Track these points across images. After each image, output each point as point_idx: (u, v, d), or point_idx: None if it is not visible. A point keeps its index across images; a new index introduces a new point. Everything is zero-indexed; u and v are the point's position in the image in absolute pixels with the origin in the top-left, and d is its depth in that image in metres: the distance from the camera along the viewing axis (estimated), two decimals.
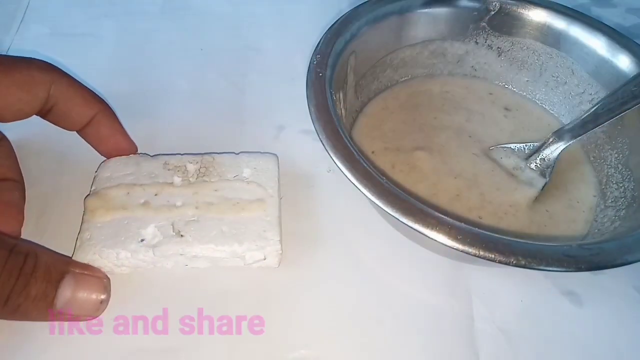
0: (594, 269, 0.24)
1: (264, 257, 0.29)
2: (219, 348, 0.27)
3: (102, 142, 0.31)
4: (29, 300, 0.24)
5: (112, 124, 0.31)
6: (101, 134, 0.31)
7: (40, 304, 0.24)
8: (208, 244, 0.28)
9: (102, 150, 0.32)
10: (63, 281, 0.25)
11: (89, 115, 0.30)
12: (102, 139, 0.31)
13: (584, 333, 0.29)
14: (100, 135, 0.31)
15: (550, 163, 0.33)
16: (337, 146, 0.27)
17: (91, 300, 0.26)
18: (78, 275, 0.26)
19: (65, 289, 0.25)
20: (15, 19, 0.44)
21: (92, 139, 0.31)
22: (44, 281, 0.24)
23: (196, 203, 0.30)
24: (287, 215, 0.32)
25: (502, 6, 0.37)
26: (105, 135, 0.31)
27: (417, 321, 0.28)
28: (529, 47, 0.38)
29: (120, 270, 0.29)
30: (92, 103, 0.30)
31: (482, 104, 0.38)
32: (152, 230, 0.29)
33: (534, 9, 0.37)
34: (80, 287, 0.26)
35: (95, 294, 0.26)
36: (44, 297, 0.24)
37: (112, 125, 0.31)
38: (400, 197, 0.25)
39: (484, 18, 0.37)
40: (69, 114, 0.30)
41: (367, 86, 0.37)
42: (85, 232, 0.28)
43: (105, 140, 0.31)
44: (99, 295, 0.26)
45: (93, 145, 0.32)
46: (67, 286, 0.25)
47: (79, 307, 0.26)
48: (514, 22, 0.37)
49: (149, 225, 0.29)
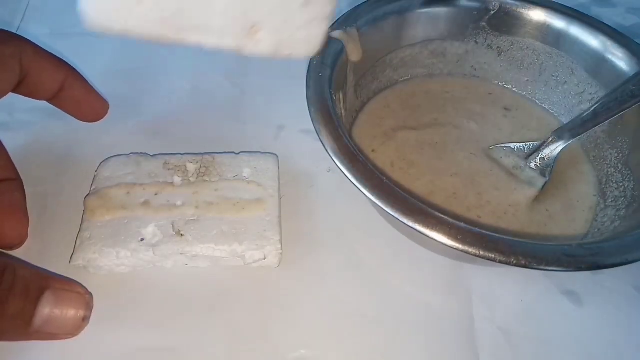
0: (594, 268, 0.24)
1: (264, 256, 0.29)
2: (218, 348, 0.27)
3: (79, 106, 0.30)
4: (5, 320, 0.22)
5: (83, 84, 0.30)
6: (76, 97, 0.30)
7: (18, 322, 0.23)
8: (208, 244, 0.28)
9: (79, 115, 0.31)
10: (42, 298, 0.23)
11: (60, 80, 0.29)
12: (78, 101, 0.30)
13: (584, 333, 0.29)
14: (75, 99, 0.30)
15: (550, 162, 0.33)
16: (337, 146, 0.27)
17: (72, 318, 0.24)
18: (58, 291, 0.24)
19: (45, 306, 0.23)
20: (15, 18, 0.44)
21: (68, 104, 0.30)
22: (22, 298, 0.23)
23: (196, 203, 0.30)
24: (287, 215, 0.32)
25: (502, 6, 0.37)
26: (80, 97, 0.30)
27: (417, 321, 0.28)
28: (529, 46, 0.38)
29: (120, 270, 0.29)
30: (60, 67, 0.29)
31: (482, 104, 0.38)
32: (152, 230, 0.29)
33: (533, 8, 0.37)
34: (60, 304, 0.24)
35: (76, 311, 0.25)
36: (21, 315, 0.23)
37: (84, 86, 0.30)
38: (400, 197, 0.25)
39: (484, 18, 0.37)
40: (40, 82, 0.28)
41: (367, 86, 0.37)
42: (86, 232, 0.28)
43: (82, 103, 0.30)
44: (80, 313, 0.25)
45: (69, 111, 0.31)
46: (47, 303, 0.23)
47: (58, 326, 0.24)
48: (514, 22, 0.37)
49: (149, 224, 0.29)
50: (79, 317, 0.25)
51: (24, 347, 0.26)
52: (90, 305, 0.26)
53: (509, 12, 0.37)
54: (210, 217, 0.29)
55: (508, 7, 0.37)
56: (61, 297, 0.24)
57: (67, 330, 0.25)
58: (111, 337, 0.27)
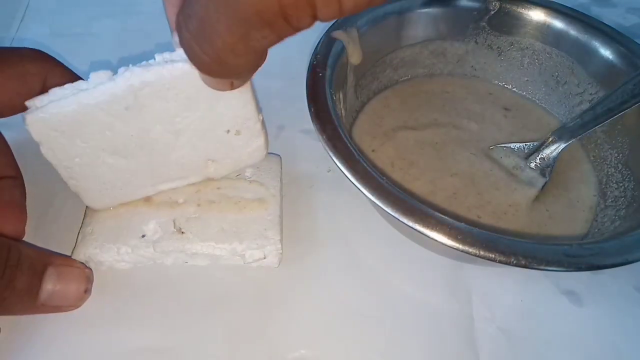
0: (594, 268, 0.24)
1: (264, 256, 0.29)
2: (218, 348, 0.27)
3: None
4: (15, 294, 0.24)
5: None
6: None
7: (26, 297, 0.24)
8: (208, 242, 0.28)
9: None
10: (46, 273, 0.25)
11: None
12: None
13: (584, 333, 0.29)
14: None
15: (550, 162, 0.33)
16: (337, 146, 0.27)
17: (74, 291, 0.26)
18: (60, 267, 0.26)
19: (48, 282, 0.25)
20: (15, 18, 0.44)
21: None
22: (29, 274, 0.24)
23: (198, 200, 0.30)
24: (287, 215, 0.32)
25: (502, 6, 0.37)
26: None
27: (417, 321, 0.28)
28: (529, 46, 0.38)
29: (121, 266, 0.29)
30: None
31: (482, 104, 0.38)
32: (154, 226, 0.29)
33: (533, 8, 0.37)
34: (63, 279, 0.26)
35: (77, 284, 0.27)
36: (29, 289, 0.24)
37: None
38: (400, 197, 0.25)
39: (484, 18, 0.37)
40: None
41: (367, 86, 0.37)
42: (88, 227, 0.29)
43: None
44: (81, 286, 0.27)
45: None
46: (50, 278, 0.25)
47: (62, 299, 0.26)
48: (514, 22, 0.37)
49: (151, 221, 0.29)
50: (80, 290, 0.27)
51: (25, 346, 0.26)
52: (90, 278, 0.28)
53: (509, 12, 0.37)
54: (211, 216, 0.29)
55: (508, 7, 0.37)
56: (63, 272, 0.26)
57: (71, 302, 0.27)
58: (110, 334, 0.27)
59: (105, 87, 0.24)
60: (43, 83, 0.27)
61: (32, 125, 0.24)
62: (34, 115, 0.24)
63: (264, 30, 0.18)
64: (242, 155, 0.29)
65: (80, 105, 0.24)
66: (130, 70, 0.24)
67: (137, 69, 0.24)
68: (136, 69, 0.24)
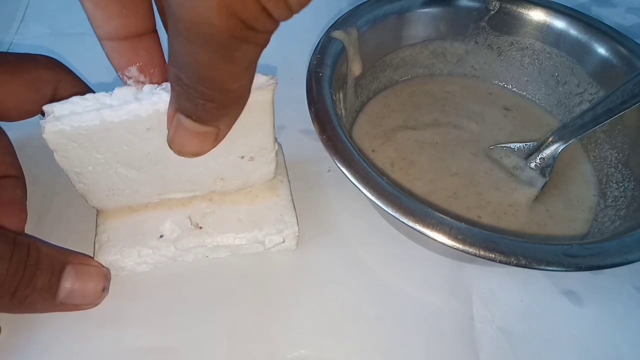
0: (594, 268, 0.24)
1: (282, 240, 0.29)
2: (218, 348, 0.27)
3: None
4: (35, 292, 0.24)
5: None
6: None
7: (46, 295, 0.25)
8: (228, 233, 0.29)
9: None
10: (64, 272, 0.26)
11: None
12: None
13: (584, 333, 0.29)
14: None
15: (550, 162, 0.33)
16: (337, 146, 0.27)
17: (92, 289, 0.27)
18: (77, 265, 0.26)
19: (67, 280, 0.26)
20: (15, 18, 0.44)
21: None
22: (48, 273, 0.25)
23: (209, 195, 0.30)
24: None
25: (502, 6, 0.37)
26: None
27: (417, 321, 0.28)
28: (529, 46, 0.38)
29: (142, 269, 0.29)
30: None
31: (482, 104, 0.38)
32: (170, 225, 0.29)
33: (533, 8, 0.37)
34: (81, 277, 0.26)
35: (95, 283, 0.27)
36: (48, 288, 0.25)
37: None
38: (400, 197, 0.25)
39: (484, 18, 0.37)
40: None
41: (367, 86, 0.37)
42: (102, 234, 0.29)
43: None
44: (99, 284, 0.27)
45: None
46: (69, 277, 0.26)
47: (81, 297, 0.26)
48: (514, 22, 0.37)
49: (166, 220, 0.29)
50: (99, 288, 0.27)
51: (26, 346, 0.26)
52: (108, 276, 0.28)
53: (509, 12, 0.37)
54: (225, 208, 0.30)
55: (508, 7, 0.37)
56: (81, 271, 0.26)
57: (89, 300, 0.27)
58: (119, 334, 0.27)
59: (130, 107, 0.24)
60: (54, 91, 0.28)
61: (50, 135, 0.24)
62: (53, 126, 0.23)
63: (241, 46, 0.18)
64: (251, 178, 0.29)
65: (104, 123, 0.24)
66: (158, 93, 0.24)
67: (164, 94, 0.24)
68: (164, 94, 0.24)
